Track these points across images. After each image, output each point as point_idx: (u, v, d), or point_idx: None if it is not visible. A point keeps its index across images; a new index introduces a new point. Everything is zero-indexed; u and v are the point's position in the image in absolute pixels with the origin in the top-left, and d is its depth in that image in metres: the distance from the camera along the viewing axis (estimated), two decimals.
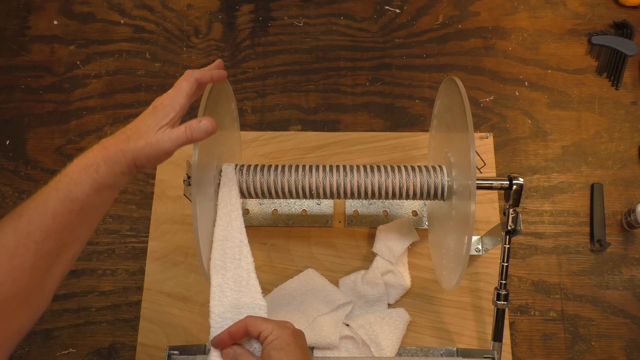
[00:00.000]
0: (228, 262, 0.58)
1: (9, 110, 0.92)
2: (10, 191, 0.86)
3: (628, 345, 0.77)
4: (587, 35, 0.95)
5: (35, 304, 0.46)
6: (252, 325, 0.51)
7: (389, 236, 0.78)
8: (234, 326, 0.51)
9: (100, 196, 0.48)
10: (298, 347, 0.50)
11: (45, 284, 0.46)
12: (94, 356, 0.77)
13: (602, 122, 0.89)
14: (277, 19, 0.98)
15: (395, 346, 0.71)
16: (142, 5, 0.99)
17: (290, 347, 0.49)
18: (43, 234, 0.44)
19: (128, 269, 0.81)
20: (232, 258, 0.58)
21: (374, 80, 0.93)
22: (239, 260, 0.58)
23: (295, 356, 0.49)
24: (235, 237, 0.60)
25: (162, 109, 0.51)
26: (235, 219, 0.61)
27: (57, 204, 0.45)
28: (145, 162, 0.49)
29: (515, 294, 0.79)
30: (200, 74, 0.54)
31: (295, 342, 0.50)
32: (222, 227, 0.60)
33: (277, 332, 0.50)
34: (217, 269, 0.57)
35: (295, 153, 0.87)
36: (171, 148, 0.49)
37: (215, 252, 0.58)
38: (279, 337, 0.49)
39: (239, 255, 0.59)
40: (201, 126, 0.50)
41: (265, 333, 0.50)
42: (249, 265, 0.58)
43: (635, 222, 0.79)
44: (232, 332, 0.51)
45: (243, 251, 0.59)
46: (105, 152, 0.48)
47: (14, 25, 0.98)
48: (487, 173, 0.84)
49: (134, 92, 0.93)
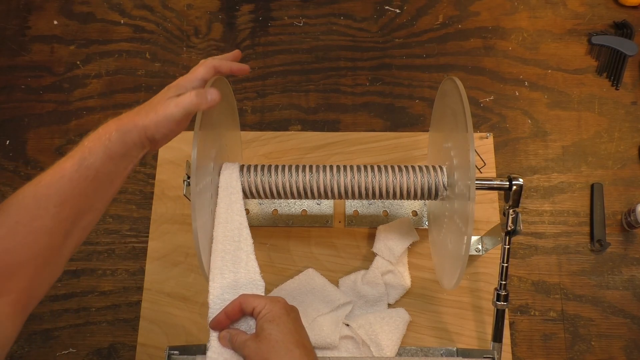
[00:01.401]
0: (228, 243, 0.59)
1: (9, 110, 0.92)
2: (10, 191, 0.86)
3: (628, 345, 0.77)
4: (587, 35, 0.95)
5: (52, 269, 0.48)
6: (245, 302, 0.53)
7: (389, 236, 0.78)
8: (229, 306, 0.53)
9: (113, 164, 0.49)
10: (290, 319, 0.51)
11: (62, 250, 0.48)
12: (94, 356, 0.77)
13: (602, 122, 0.89)
14: (277, 19, 0.98)
15: (395, 346, 0.71)
16: (142, 5, 0.99)
17: (282, 319, 0.51)
18: (61, 199, 0.46)
19: (128, 269, 0.81)
20: (232, 240, 0.60)
21: (374, 80, 0.93)
22: (238, 242, 0.60)
23: (287, 327, 0.50)
24: (235, 219, 0.61)
25: (175, 87, 0.53)
26: (236, 202, 0.62)
27: (73, 171, 0.47)
28: (155, 131, 0.51)
29: (515, 294, 0.79)
30: (219, 62, 0.55)
31: (287, 314, 0.51)
32: (223, 209, 0.61)
33: (269, 306, 0.51)
34: (217, 251, 0.59)
35: (295, 153, 0.87)
36: (178, 114, 0.50)
37: (217, 233, 0.60)
38: (271, 311, 0.51)
39: (238, 237, 0.60)
40: (206, 95, 0.51)
41: (259, 308, 0.52)
42: (248, 247, 0.60)
43: (635, 222, 0.79)
44: (228, 311, 0.53)
45: (243, 233, 0.60)
46: (118, 123, 0.50)
47: (14, 25, 0.98)
48: (487, 173, 0.84)
49: (134, 92, 0.93)
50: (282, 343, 0.49)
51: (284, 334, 0.50)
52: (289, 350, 0.49)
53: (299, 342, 0.50)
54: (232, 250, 0.59)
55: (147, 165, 0.86)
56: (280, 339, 0.49)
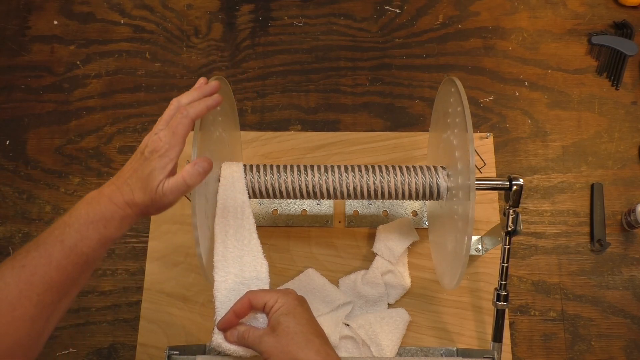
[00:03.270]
0: (231, 219, 0.60)
1: (9, 110, 0.92)
2: (10, 191, 0.86)
3: (628, 345, 0.77)
4: (587, 35, 0.95)
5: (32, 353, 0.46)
6: (255, 298, 0.52)
7: (389, 236, 0.78)
8: (238, 304, 0.52)
9: (106, 248, 0.48)
10: (304, 310, 0.51)
11: (43, 333, 0.46)
12: (94, 356, 0.77)
13: (602, 122, 0.89)
14: (277, 19, 0.98)
15: (395, 346, 0.71)
16: (142, 5, 0.99)
17: (297, 310, 0.51)
18: (45, 286, 0.44)
19: (128, 269, 0.81)
20: (235, 217, 0.60)
21: (374, 80, 0.93)
22: (241, 220, 0.60)
23: (304, 317, 0.50)
24: (237, 197, 0.62)
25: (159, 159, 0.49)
26: (238, 180, 0.63)
27: (62, 257, 0.45)
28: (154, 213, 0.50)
29: (515, 294, 0.79)
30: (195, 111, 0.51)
31: (300, 305, 0.52)
32: (226, 186, 0.62)
33: (281, 299, 0.51)
34: (220, 225, 0.59)
35: (295, 153, 0.87)
36: (175, 200, 0.50)
37: (219, 211, 0.60)
38: (284, 304, 0.51)
39: (241, 214, 0.61)
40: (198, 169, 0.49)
41: (271, 302, 0.51)
42: (250, 225, 0.61)
43: (635, 222, 0.79)
44: (237, 310, 0.52)
45: (245, 211, 0.61)
46: (112, 207, 0.48)
47: (14, 25, 0.98)
48: (487, 173, 0.84)
49: (134, 92, 0.93)
50: (302, 334, 0.49)
51: (301, 325, 0.49)
52: (309, 340, 0.49)
53: (316, 331, 0.50)
54: (234, 226, 0.60)
55: None
56: (299, 330, 0.49)
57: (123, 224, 0.48)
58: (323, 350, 0.48)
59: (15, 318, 0.43)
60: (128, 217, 0.48)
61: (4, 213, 0.85)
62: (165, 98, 0.91)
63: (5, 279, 0.43)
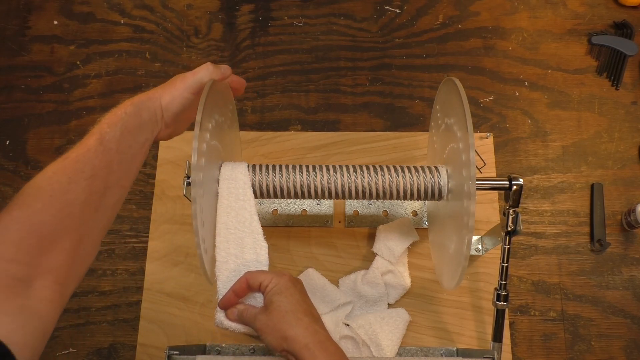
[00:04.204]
0: (233, 201, 0.62)
1: (9, 110, 0.92)
2: (11, 191, 0.86)
3: (628, 345, 0.77)
4: (587, 35, 0.95)
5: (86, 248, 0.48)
6: (252, 278, 0.55)
7: (389, 236, 0.78)
8: (236, 284, 0.55)
9: (131, 137, 0.52)
10: (297, 291, 0.54)
11: (94, 227, 0.49)
12: (94, 356, 0.77)
13: (602, 122, 0.89)
14: (277, 19, 0.98)
15: (395, 346, 0.72)
16: (142, 5, 0.99)
17: (289, 290, 0.53)
18: (90, 171, 0.47)
19: (128, 269, 0.81)
20: (237, 199, 0.62)
21: (374, 80, 0.93)
22: (242, 202, 0.62)
23: (295, 297, 0.53)
24: (239, 178, 0.63)
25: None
26: (241, 163, 0.64)
27: (97, 144, 0.49)
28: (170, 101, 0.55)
29: (515, 294, 0.79)
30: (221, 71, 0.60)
31: (293, 286, 0.54)
32: (229, 168, 0.64)
33: (275, 279, 0.54)
34: (222, 207, 0.61)
35: (295, 153, 0.87)
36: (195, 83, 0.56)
37: (222, 190, 0.62)
38: (277, 284, 0.54)
39: (243, 196, 0.62)
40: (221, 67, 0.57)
41: (265, 282, 0.54)
42: (251, 207, 0.62)
43: (635, 222, 0.79)
44: (236, 289, 0.55)
45: (247, 193, 0.62)
46: (132, 99, 0.54)
47: (14, 25, 0.98)
48: (487, 173, 0.84)
49: (134, 92, 0.92)
50: (292, 312, 0.52)
51: (292, 304, 0.52)
52: (299, 319, 0.51)
53: (306, 310, 0.53)
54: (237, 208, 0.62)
55: (147, 165, 0.86)
56: (289, 309, 0.52)
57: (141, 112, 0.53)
58: (311, 328, 0.51)
59: (69, 201, 0.45)
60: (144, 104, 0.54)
61: None
62: None
63: (54, 169, 0.47)
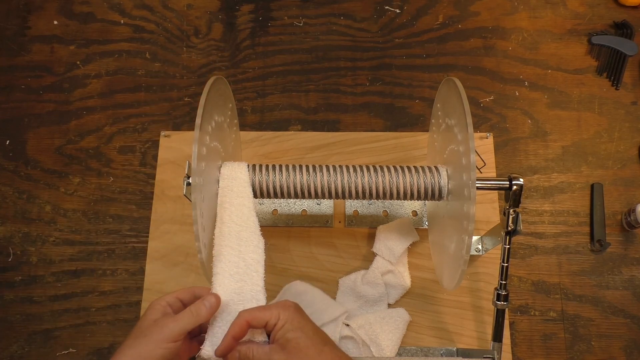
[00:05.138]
0: (233, 198, 0.62)
1: (9, 110, 0.92)
2: (10, 191, 0.86)
3: (628, 345, 0.77)
4: (587, 35, 0.95)
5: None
6: (254, 319, 0.51)
7: (389, 236, 0.78)
8: (235, 328, 0.50)
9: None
10: (305, 320, 0.52)
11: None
12: (94, 356, 0.77)
13: (602, 122, 0.89)
14: (277, 19, 0.98)
15: (395, 346, 0.72)
16: (142, 5, 0.99)
17: (301, 322, 0.51)
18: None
19: (128, 269, 0.81)
20: (236, 196, 0.62)
21: (374, 80, 0.93)
22: (242, 199, 0.62)
23: (309, 327, 0.51)
24: (239, 177, 0.63)
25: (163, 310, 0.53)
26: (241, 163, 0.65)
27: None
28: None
29: (515, 294, 0.79)
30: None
31: (301, 316, 0.52)
32: (229, 168, 0.64)
33: (283, 315, 0.51)
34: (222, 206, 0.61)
35: (295, 153, 0.87)
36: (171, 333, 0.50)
37: (222, 190, 0.62)
38: (288, 320, 0.50)
39: (242, 194, 0.62)
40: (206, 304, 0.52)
41: (273, 321, 0.50)
42: (250, 204, 0.62)
43: (635, 222, 0.79)
44: (236, 334, 0.50)
45: (247, 192, 0.63)
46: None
47: (14, 25, 0.98)
48: (487, 173, 0.84)
49: (134, 92, 0.93)
50: (313, 347, 0.49)
51: (309, 337, 0.50)
52: (320, 351, 0.50)
53: (323, 338, 0.51)
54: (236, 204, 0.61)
55: (147, 165, 0.86)
56: (309, 344, 0.49)
57: None
58: (336, 356, 0.50)
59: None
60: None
61: (4, 213, 0.85)
62: (166, 98, 0.91)
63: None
